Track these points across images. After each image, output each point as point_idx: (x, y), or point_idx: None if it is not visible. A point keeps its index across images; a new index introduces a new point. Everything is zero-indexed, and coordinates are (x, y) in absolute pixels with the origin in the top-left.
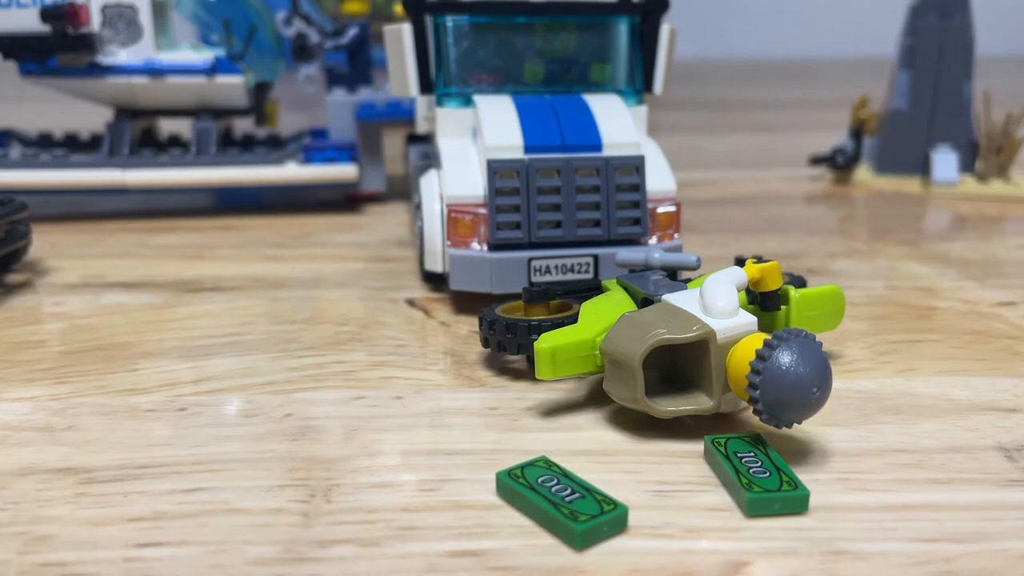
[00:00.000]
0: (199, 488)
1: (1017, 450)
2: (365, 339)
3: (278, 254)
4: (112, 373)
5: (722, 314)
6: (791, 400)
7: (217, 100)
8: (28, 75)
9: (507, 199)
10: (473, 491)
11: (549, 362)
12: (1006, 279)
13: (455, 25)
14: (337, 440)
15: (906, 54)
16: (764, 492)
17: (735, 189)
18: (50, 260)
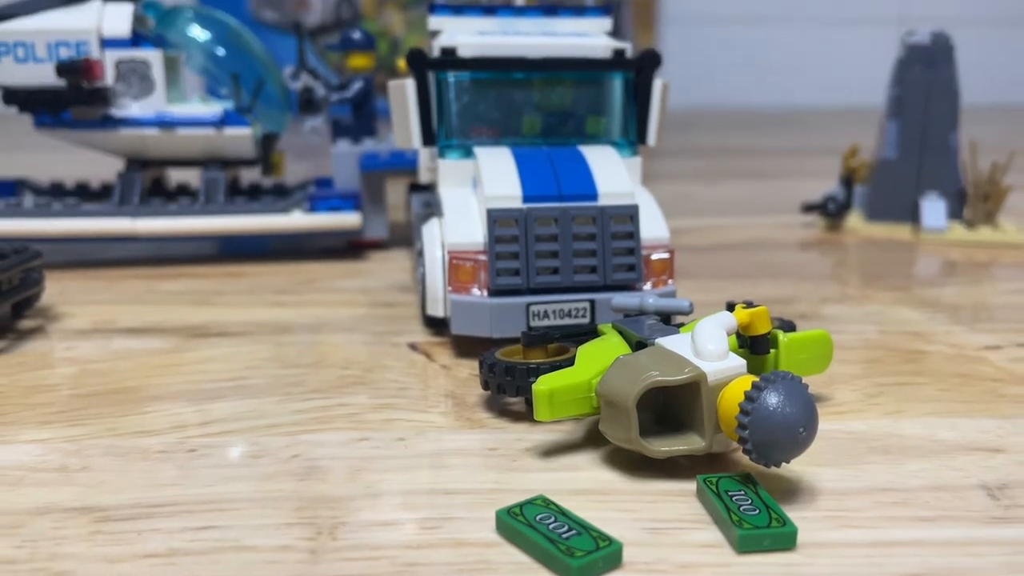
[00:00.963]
0: (210, 526)
1: (1000, 488)
2: (368, 382)
3: (283, 300)
4: (123, 416)
5: (712, 357)
6: (779, 440)
7: (225, 151)
8: (42, 127)
9: (506, 246)
10: (473, 529)
11: (547, 404)
12: (993, 323)
13: (456, 81)
14: (342, 480)
15: (894, 105)
16: (754, 529)
17: (728, 235)
18: (61, 306)
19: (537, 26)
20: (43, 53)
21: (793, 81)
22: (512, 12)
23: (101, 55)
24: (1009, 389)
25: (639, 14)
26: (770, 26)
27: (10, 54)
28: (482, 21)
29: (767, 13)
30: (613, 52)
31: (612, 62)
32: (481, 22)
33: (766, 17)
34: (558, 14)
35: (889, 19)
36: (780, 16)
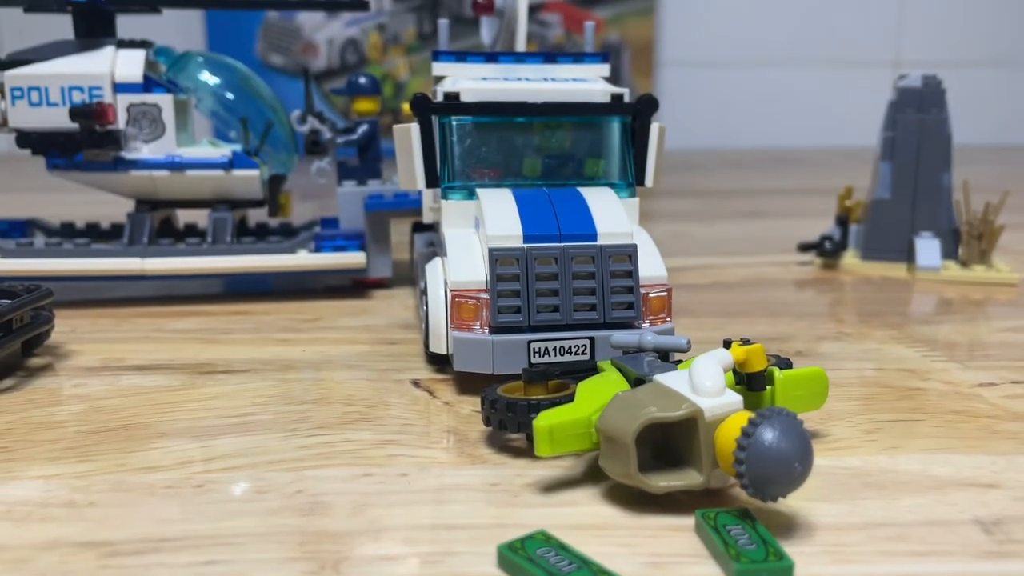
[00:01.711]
0: (215, 560)
1: (994, 524)
2: (372, 419)
3: (289, 338)
4: (130, 452)
5: (709, 393)
6: (774, 475)
7: (233, 192)
8: (55, 169)
9: (508, 285)
10: (475, 563)
11: (547, 439)
12: (988, 361)
13: (459, 125)
14: (345, 515)
15: (887, 147)
16: (751, 563)
17: (726, 274)
18: (71, 344)
19: (537, 71)
20: (56, 97)
21: (791, 123)
22: (513, 59)
23: (113, 99)
24: (1003, 426)
25: (637, 58)
26: (768, 69)
27: (25, 98)
28: (484, 67)
29: (765, 57)
30: (611, 97)
31: (611, 106)
32: (483, 68)
33: (764, 61)
34: (557, 60)
35: (885, 62)
36: (778, 59)
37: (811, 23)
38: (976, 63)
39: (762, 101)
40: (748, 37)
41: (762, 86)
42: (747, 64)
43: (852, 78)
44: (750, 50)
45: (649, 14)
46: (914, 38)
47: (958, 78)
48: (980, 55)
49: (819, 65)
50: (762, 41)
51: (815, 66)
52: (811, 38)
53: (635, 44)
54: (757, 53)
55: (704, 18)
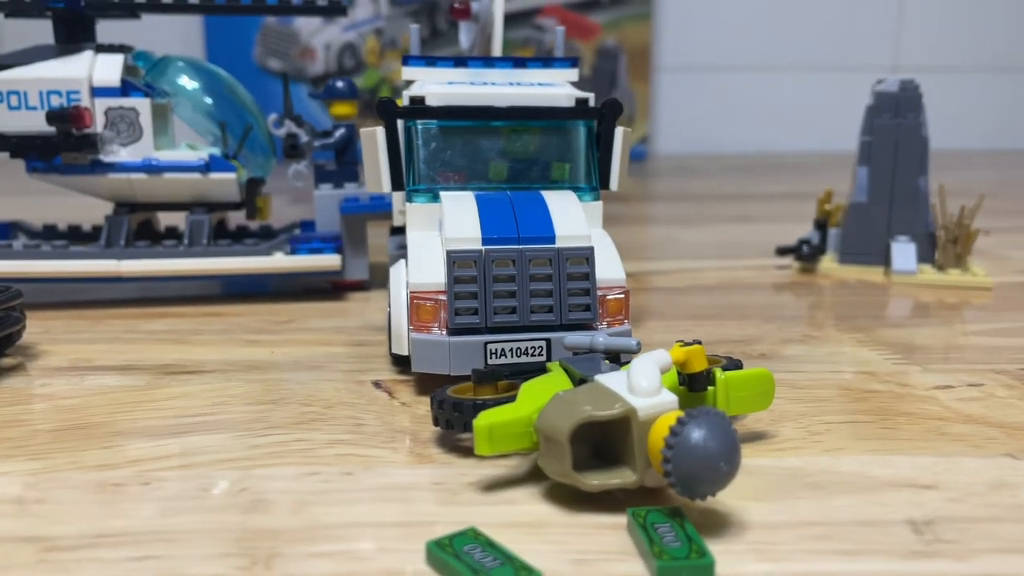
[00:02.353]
0: (151, 556)
1: (925, 524)
2: (328, 419)
3: (259, 339)
4: (86, 450)
5: (645, 393)
6: (700, 473)
7: (211, 195)
8: (34, 172)
9: (465, 287)
10: (405, 560)
11: (486, 438)
12: (949, 364)
13: (424, 128)
14: (285, 513)
15: (864, 151)
16: (672, 560)
17: (704, 277)
18: (43, 344)
19: (506, 76)
20: (35, 101)
21: (787, 128)
22: (482, 63)
23: (91, 103)
24: (952, 428)
25: (634, 63)
26: (765, 74)
27: (4, 102)
28: (453, 71)
29: (762, 62)
30: (576, 101)
31: (575, 110)
32: (452, 72)
33: (761, 65)
34: (527, 65)
35: (883, 67)
36: (775, 64)
37: (808, 28)
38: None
39: (759, 106)
40: (745, 42)
41: (759, 91)
42: (744, 69)
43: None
44: (747, 55)
45: (646, 19)
46: (912, 43)
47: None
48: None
49: (816, 70)
50: (759, 46)
51: (812, 71)
52: (808, 43)
53: (632, 49)
54: (754, 58)
55: (701, 23)
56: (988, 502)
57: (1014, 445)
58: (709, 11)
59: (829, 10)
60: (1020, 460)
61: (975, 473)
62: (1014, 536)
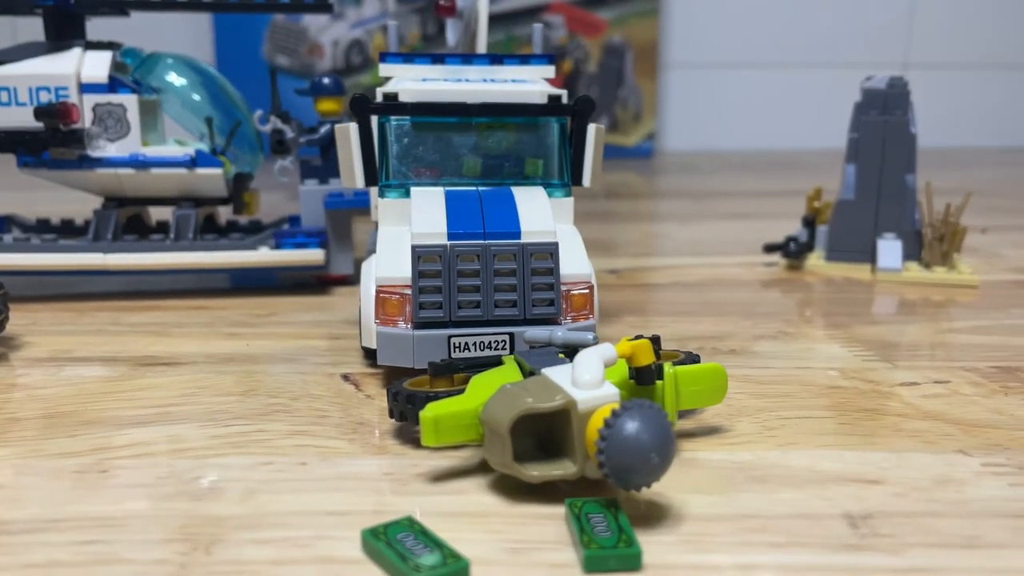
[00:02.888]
0: (97, 540)
1: (863, 518)
2: (292, 410)
3: (238, 332)
4: (51, 439)
5: (587, 386)
6: (632, 465)
7: (197, 189)
8: (24, 167)
9: (430, 281)
10: (343, 548)
11: (432, 430)
12: (919, 361)
13: (397, 125)
14: (234, 501)
15: (852, 148)
16: (600, 549)
17: (689, 274)
18: (27, 336)
19: (482, 72)
20: (25, 97)
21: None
22: (460, 60)
23: (79, 99)
24: (910, 424)
25: (641, 60)
26: (774, 71)
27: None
28: (429, 68)
29: (771, 59)
30: (548, 98)
31: (548, 107)
32: (428, 69)
33: (770, 62)
34: (504, 62)
35: (894, 63)
36: (784, 61)
37: (818, 24)
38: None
39: (767, 103)
40: (754, 39)
41: (767, 88)
42: (752, 66)
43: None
44: (756, 52)
45: (653, 15)
46: (923, 40)
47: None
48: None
49: (827, 67)
50: (768, 42)
51: (822, 68)
52: (818, 39)
53: (639, 45)
54: (763, 55)
55: (709, 19)
56: (931, 497)
57: (968, 442)
58: (717, 7)
59: (840, 6)
60: (972, 456)
61: (924, 469)
62: (952, 531)
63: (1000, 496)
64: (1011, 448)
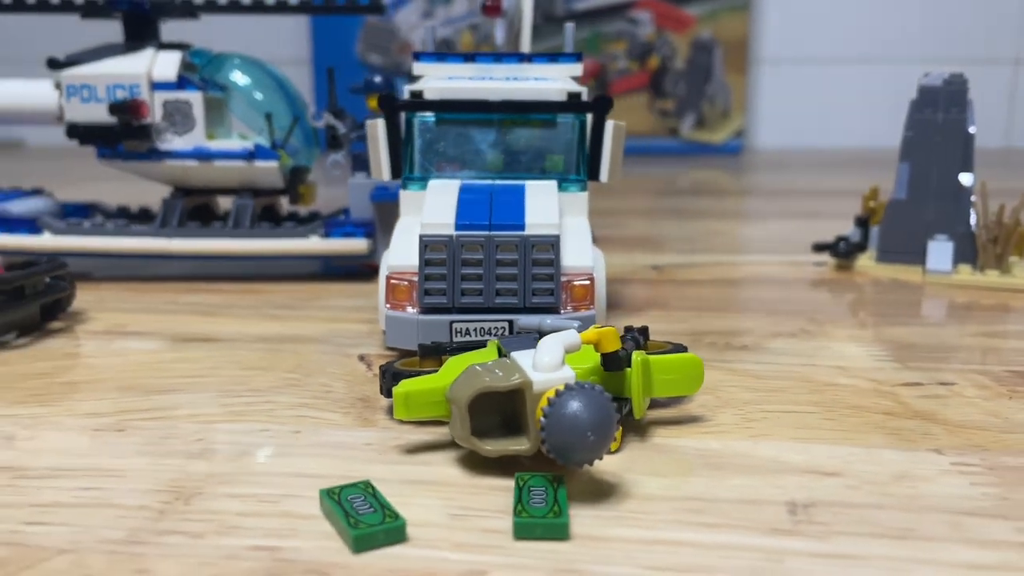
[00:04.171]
0: (96, 488)
1: (805, 506)
2: (302, 385)
3: (280, 314)
4: (85, 401)
5: (545, 368)
6: (570, 442)
7: (256, 181)
8: (102, 158)
9: (435, 269)
10: (305, 505)
11: (403, 404)
12: (933, 363)
13: (421, 120)
14: (224, 461)
15: (906, 146)
16: (530, 518)
17: (733, 272)
18: (92, 311)
19: (510, 71)
20: (103, 94)
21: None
22: (491, 59)
23: (150, 96)
24: (894, 423)
25: (730, 55)
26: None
27: (77, 95)
28: (460, 67)
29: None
30: (567, 95)
31: (566, 105)
32: (459, 67)
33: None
34: (532, 60)
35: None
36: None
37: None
38: None
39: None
40: (849, 33)
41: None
42: (848, 61)
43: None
44: (851, 47)
45: (744, 10)
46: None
47: None
48: None
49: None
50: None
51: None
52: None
53: (728, 41)
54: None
55: (803, 14)
56: (883, 491)
57: (947, 441)
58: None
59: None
60: (944, 455)
61: (888, 465)
62: (888, 523)
63: (956, 494)
64: (990, 450)
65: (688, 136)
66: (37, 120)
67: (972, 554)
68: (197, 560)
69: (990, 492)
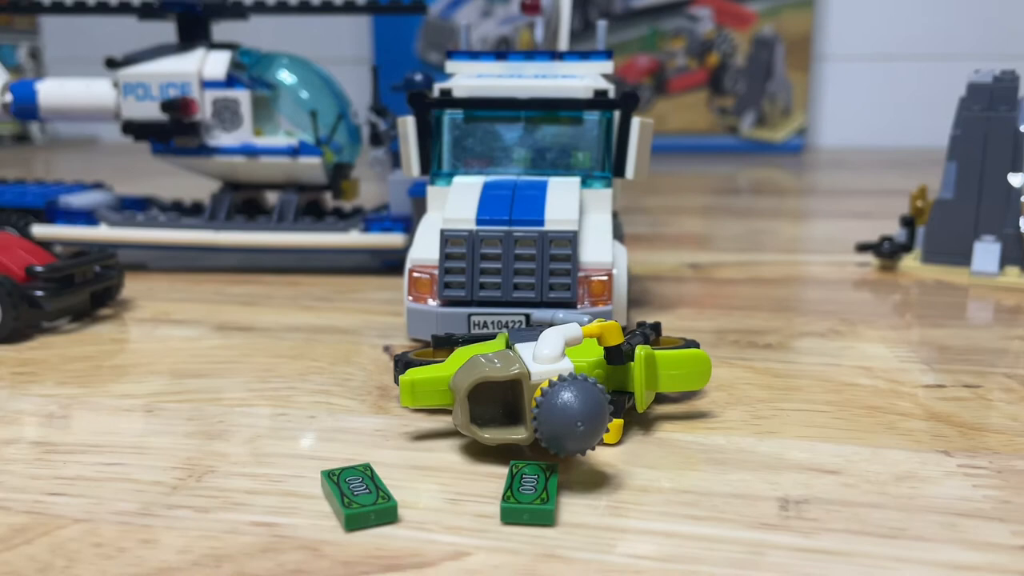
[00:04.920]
0: (118, 463)
1: (797, 503)
2: (325, 373)
3: (315, 305)
4: (120, 383)
5: (544, 360)
6: (559, 431)
7: (299, 176)
8: (157, 153)
9: (455, 263)
10: (306, 486)
11: (409, 392)
12: (963, 365)
13: (450, 118)
14: (240, 442)
15: (954, 145)
16: (518, 504)
17: (771, 271)
18: (140, 300)
19: (540, 69)
20: (156, 92)
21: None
22: (522, 57)
23: (200, 94)
24: (907, 424)
25: (793, 52)
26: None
27: (132, 93)
28: (492, 65)
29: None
30: (594, 92)
31: (593, 102)
32: (491, 66)
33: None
34: (563, 58)
35: None
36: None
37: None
38: None
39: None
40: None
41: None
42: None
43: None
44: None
45: (808, 6)
46: None
47: None
48: None
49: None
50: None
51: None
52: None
53: (791, 38)
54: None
55: (870, 9)
56: (881, 490)
57: (958, 443)
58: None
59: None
60: (952, 457)
61: (892, 465)
62: (880, 521)
63: (955, 495)
64: (1002, 453)
65: (747, 134)
66: (98, 117)
67: (960, 555)
68: (200, 533)
69: (992, 495)
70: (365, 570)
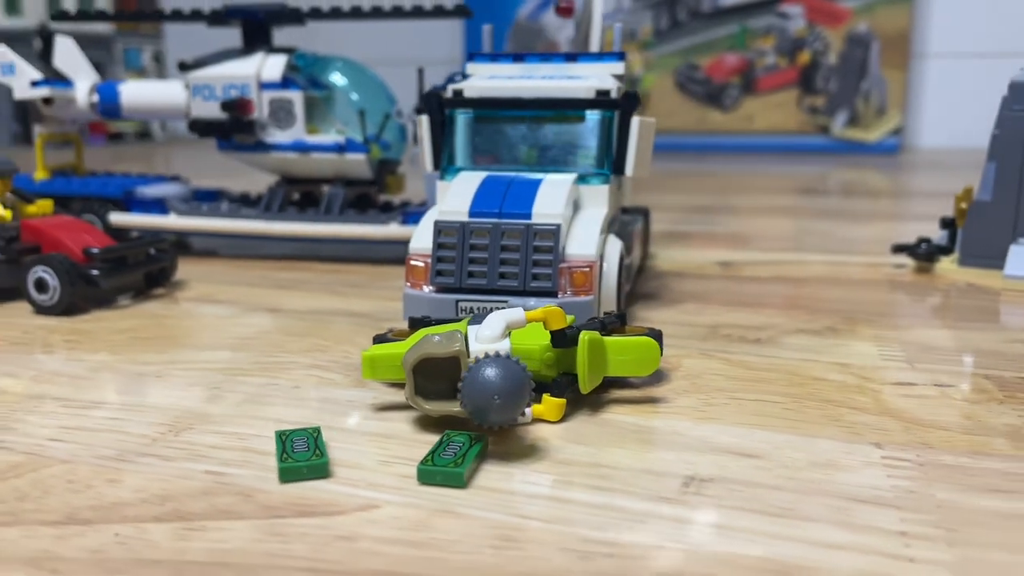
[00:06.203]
0: (117, 418)
1: (701, 481)
2: (326, 351)
3: (345, 291)
4: (145, 352)
5: (484, 340)
6: (479, 404)
7: (347, 171)
8: (222, 150)
9: (446, 252)
10: (265, 444)
11: (369, 366)
12: (946, 365)
13: (459, 117)
14: (226, 405)
15: (994, 144)
16: (432, 466)
17: (800, 271)
18: (194, 282)
19: (553, 70)
20: (220, 93)
21: None
22: (539, 58)
23: (258, 95)
24: (857, 417)
25: (889, 50)
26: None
27: (200, 94)
28: (508, 66)
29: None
30: (595, 93)
31: (594, 102)
32: (506, 67)
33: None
34: (578, 60)
35: None
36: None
37: None
38: None
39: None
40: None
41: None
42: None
43: None
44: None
45: (905, 3)
46: None
47: None
48: None
49: None
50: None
51: None
52: None
53: (886, 35)
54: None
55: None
56: (791, 475)
57: (896, 438)
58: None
59: None
60: (881, 449)
61: (816, 453)
62: (773, 502)
63: (864, 484)
64: (935, 448)
65: (839, 134)
66: (172, 116)
67: (835, 534)
68: (156, 477)
69: (901, 485)
70: (282, 514)
